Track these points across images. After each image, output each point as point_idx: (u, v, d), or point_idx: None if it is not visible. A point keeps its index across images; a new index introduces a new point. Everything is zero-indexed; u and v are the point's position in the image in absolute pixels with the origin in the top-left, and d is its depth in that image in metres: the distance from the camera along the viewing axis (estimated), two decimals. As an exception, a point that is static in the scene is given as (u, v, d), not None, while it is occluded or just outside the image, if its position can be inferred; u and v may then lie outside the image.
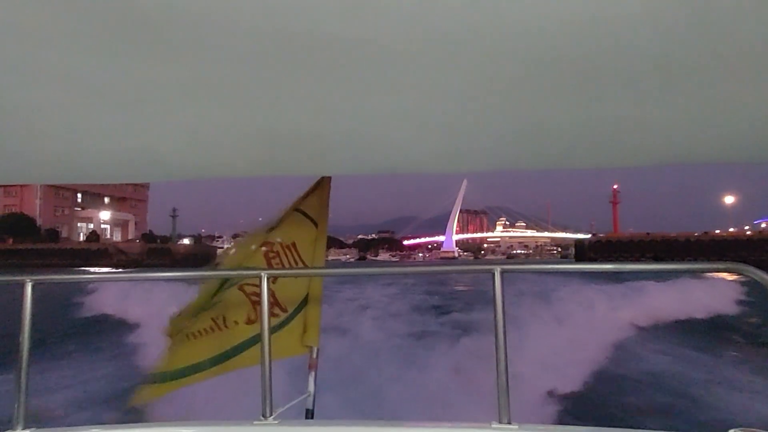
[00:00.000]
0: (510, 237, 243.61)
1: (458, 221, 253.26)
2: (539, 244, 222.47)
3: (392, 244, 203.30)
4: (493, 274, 1.74)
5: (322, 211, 2.92)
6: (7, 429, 1.78)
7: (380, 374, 7.01)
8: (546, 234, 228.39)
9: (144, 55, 1.09)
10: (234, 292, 2.77)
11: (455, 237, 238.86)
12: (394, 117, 1.48)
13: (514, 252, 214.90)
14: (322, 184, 2.90)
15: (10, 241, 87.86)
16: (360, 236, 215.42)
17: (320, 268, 3.01)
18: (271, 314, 2.62)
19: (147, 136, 1.66)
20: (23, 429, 1.79)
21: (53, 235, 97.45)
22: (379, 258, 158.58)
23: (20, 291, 1.92)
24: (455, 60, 1.10)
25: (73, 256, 79.65)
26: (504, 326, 1.71)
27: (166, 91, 1.29)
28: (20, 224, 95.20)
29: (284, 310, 2.80)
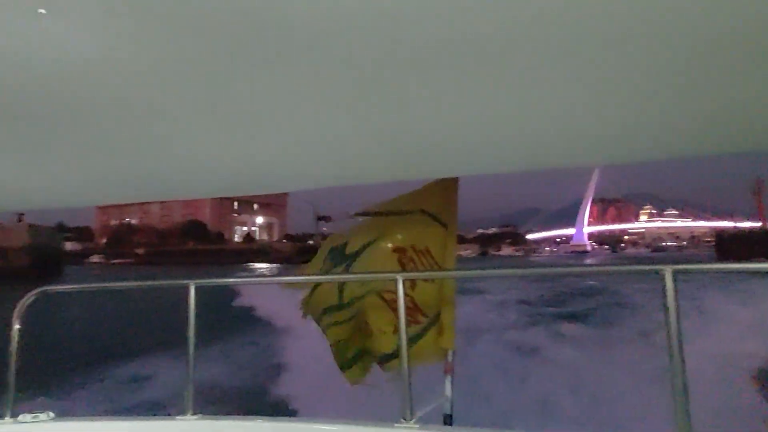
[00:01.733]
0: (658, 228, 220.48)
1: (590, 212, 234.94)
2: (695, 234, 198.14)
3: (515, 238, 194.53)
4: (663, 276, 1.46)
5: (451, 212, 2.80)
6: (179, 414, 1.98)
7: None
8: (703, 223, 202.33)
9: (269, 73, 1.11)
10: (373, 298, 2.75)
11: (587, 229, 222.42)
12: (524, 113, 1.40)
13: (664, 244, 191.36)
14: (449, 185, 2.78)
15: (191, 243, 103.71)
16: (480, 231, 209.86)
17: (452, 269, 2.89)
18: (414, 321, 2.58)
19: (277, 149, 1.70)
20: (192, 414, 1.98)
21: (219, 237, 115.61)
22: (501, 253, 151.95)
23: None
24: (587, 50, 1.04)
25: (235, 255, 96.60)
26: (679, 337, 1.43)
27: (291, 103, 1.30)
28: (197, 229, 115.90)
29: (425, 315, 2.72)
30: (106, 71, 1.08)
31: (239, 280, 4.74)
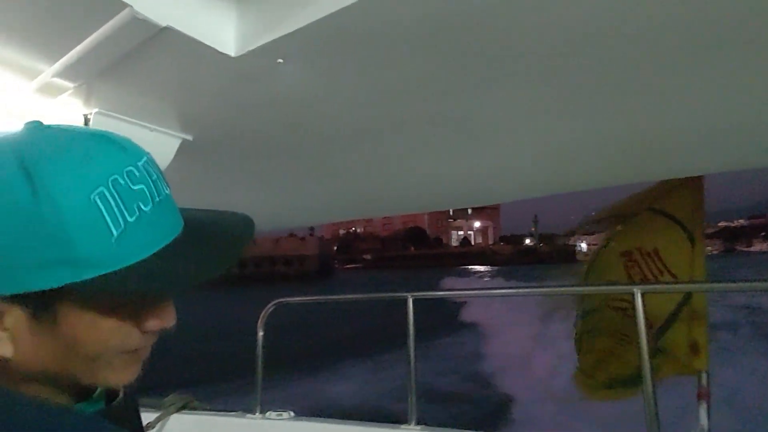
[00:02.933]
0: None
1: None
2: None
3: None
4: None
5: (695, 213, 2.32)
6: (404, 424, 1.98)
7: None
8: None
9: (488, 85, 1.08)
10: (607, 312, 2.47)
11: None
12: None
13: None
14: (692, 183, 2.32)
15: (411, 248, 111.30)
16: (723, 223, 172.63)
17: (701, 282, 2.40)
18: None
19: (499, 160, 1.66)
20: (416, 425, 1.97)
21: (438, 242, 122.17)
22: (753, 249, 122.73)
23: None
24: None
25: (453, 257, 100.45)
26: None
27: (512, 113, 1.25)
28: (417, 235, 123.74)
29: (650, 327, 2.35)
30: (336, 104, 1.15)
31: (457, 292, 4.74)
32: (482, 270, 69.46)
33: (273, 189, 1.91)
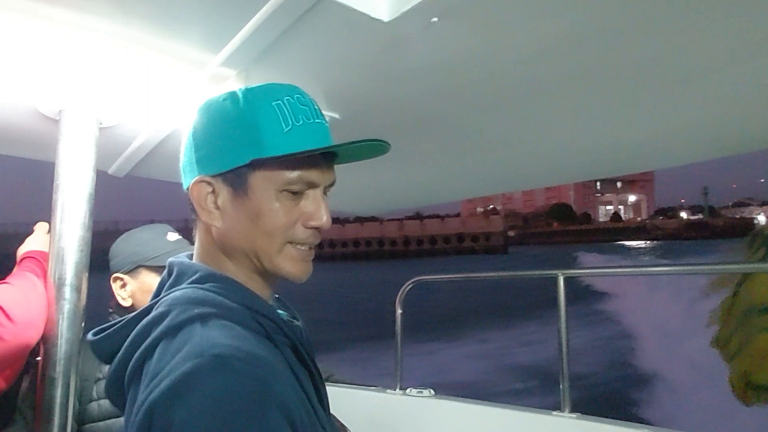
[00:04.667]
0: None
1: None
2: None
3: None
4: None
5: None
6: (556, 410, 1.84)
7: None
8: None
9: (656, 40, 0.94)
10: None
11: None
12: None
13: None
14: None
15: (555, 224, 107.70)
16: None
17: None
18: None
19: (658, 124, 1.45)
20: (570, 412, 1.82)
21: (586, 217, 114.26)
22: None
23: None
24: None
25: (603, 234, 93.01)
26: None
27: (677, 70, 1.08)
28: (561, 211, 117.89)
29: None
30: (496, 63, 1.04)
31: (609, 270, 4.18)
32: (640, 246, 64.05)
33: (420, 164, 1.84)
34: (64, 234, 1.11)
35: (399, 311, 2.43)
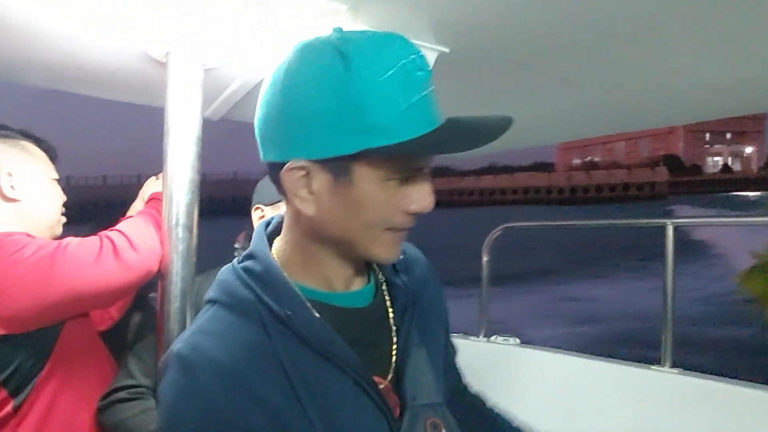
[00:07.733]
0: None
1: None
2: None
3: None
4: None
5: None
6: (656, 364, 1.77)
7: None
8: None
9: None
10: None
11: None
12: None
13: None
14: None
15: (662, 176, 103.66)
16: None
17: None
18: None
19: None
20: (671, 368, 1.74)
21: (696, 169, 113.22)
22: None
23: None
24: None
25: (714, 185, 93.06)
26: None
27: None
28: (671, 162, 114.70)
29: None
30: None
31: (721, 220, 3.75)
32: (756, 197, 58.56)
33: (535, 102, 1.63)
34: (174, 177, 1.11)
35: (485, 258, 2.33)
